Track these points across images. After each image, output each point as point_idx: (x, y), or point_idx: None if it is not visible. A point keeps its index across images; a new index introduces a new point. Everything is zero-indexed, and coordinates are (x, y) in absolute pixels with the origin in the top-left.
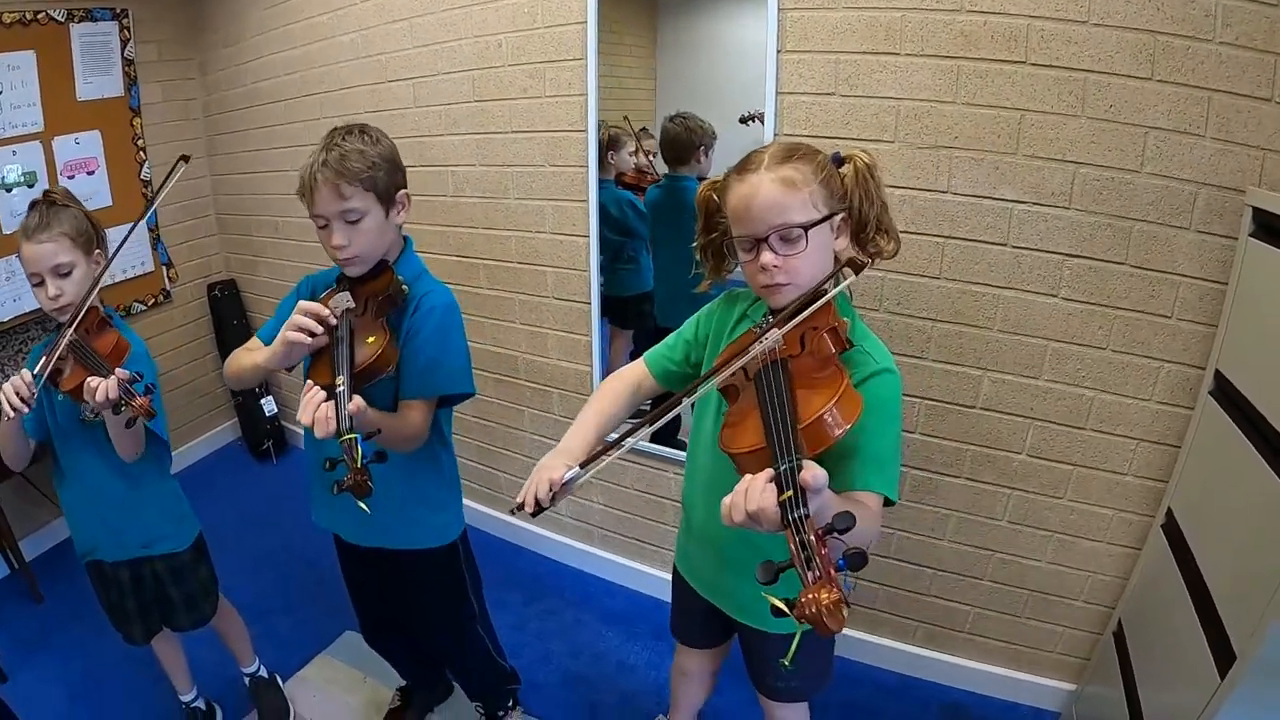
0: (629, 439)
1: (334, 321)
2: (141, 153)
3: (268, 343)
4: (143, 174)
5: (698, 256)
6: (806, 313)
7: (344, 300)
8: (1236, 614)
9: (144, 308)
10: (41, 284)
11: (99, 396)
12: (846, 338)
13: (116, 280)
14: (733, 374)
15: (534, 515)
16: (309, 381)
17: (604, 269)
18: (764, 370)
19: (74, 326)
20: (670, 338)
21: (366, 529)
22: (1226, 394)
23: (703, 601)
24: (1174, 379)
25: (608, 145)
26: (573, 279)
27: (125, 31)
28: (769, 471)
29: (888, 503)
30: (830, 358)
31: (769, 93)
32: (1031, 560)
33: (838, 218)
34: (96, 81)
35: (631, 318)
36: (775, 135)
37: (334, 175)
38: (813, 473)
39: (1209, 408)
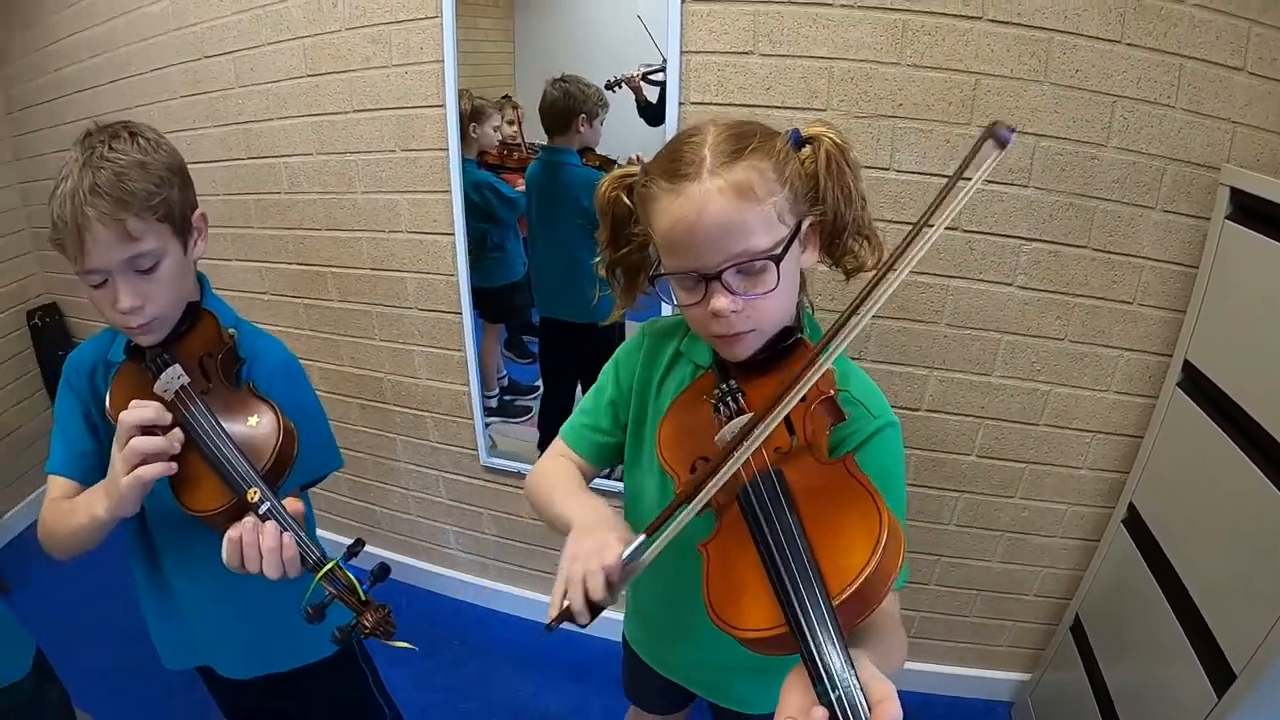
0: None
1: (167, 418)
2: None
3: (78, 477)
4: None
5: (601, 273)
6: (800, 390)
7: (175, 377)
8: (1230, 625)
9: None
10: None
11: None
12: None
13: None
14: (707, 502)
15: (585, 626)
16: (204, 514)
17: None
18: (751, 493)
19: None
20: (586, 400)
21: (248, 655)
22: (1197, 385)
23: (664, 679)
24: (1133, 368)
25: (470, 118)
26: (438, 286)
27: None
28: (821, 713)
29: None
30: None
31: (670, 51)
32: (980, 561)
33: (806, 223)
34: None
35: (501, 311)
36: (680, 104)
37: (113, 207)
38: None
39: (1176, 399)
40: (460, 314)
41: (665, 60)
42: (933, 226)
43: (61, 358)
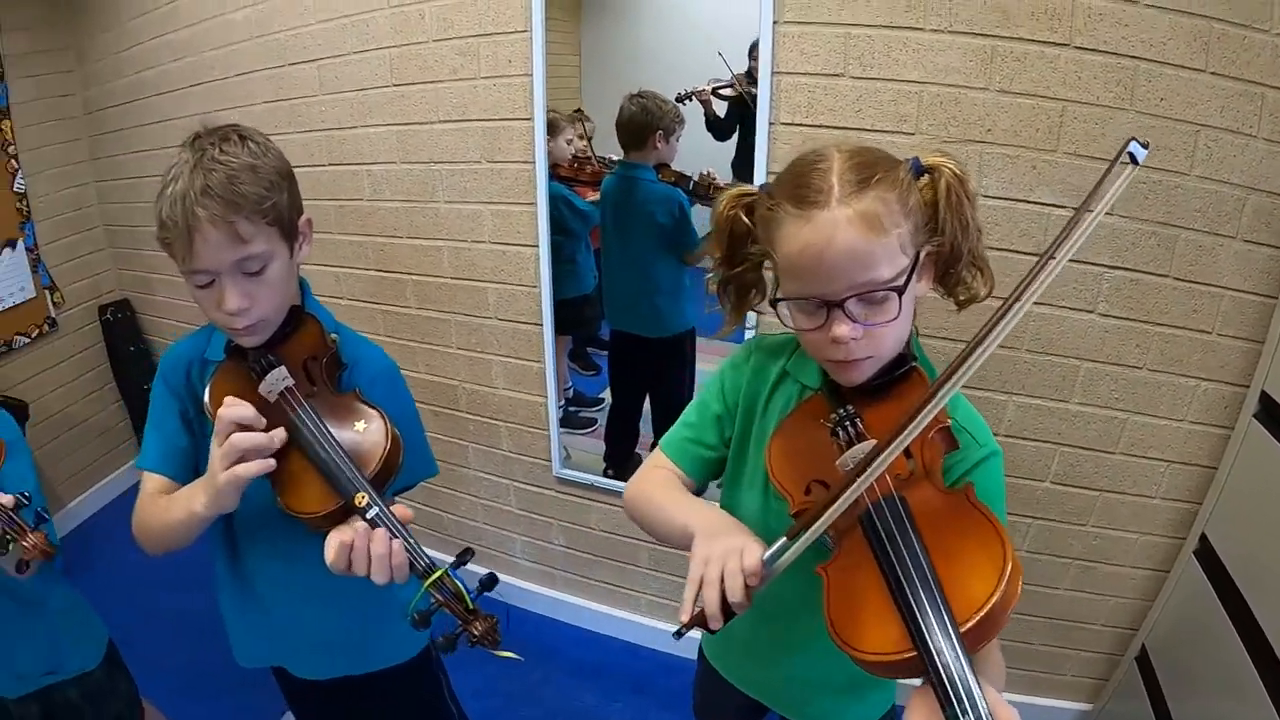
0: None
1: (263, 421)
2: (13, 161)
3: (172, 474)
4: (16, 185)
5: (712, 290)
6: (926, 417)
7: (280, 379)
8: None
9: (26, 340)
10: None
11: None
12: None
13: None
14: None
15: (714, 632)
16: (307, 515)
17: None
18: (875, 518)
19: None
20: (690, 414)
21: (324, 657)
22: (1274, 416)
23: (743, 696)
24: (1210, 398)
25: None
26: (519, 297)
27: None
28: None
29: None
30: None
31: (762, 71)
32: (1049, 589)
33: (923, 253)
34: None
35: (570, 323)
36: (770, 124)
37: (224, 209)
38: None
39: (1253, 430)
40: (541, 325)
41: (733, 75)
42: (1055, 259)
43: (133, 352)
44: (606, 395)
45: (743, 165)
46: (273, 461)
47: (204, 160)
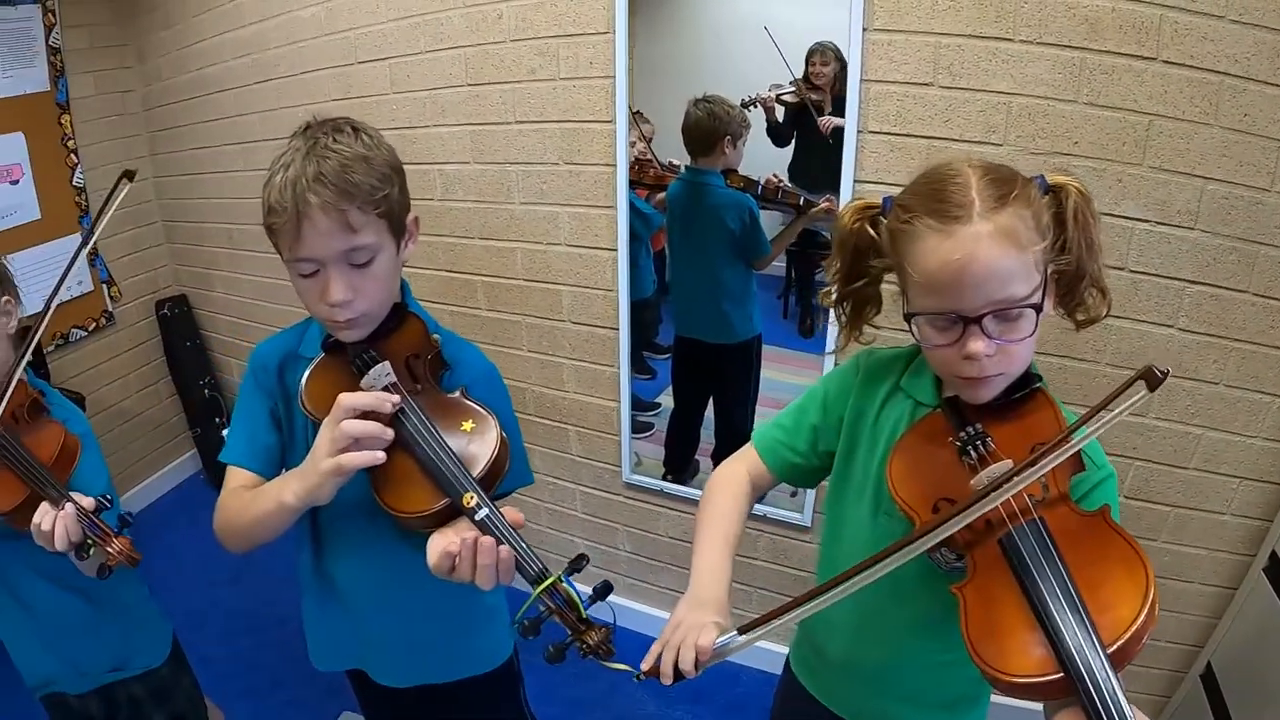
0: (800, 607)
1: (389, 405)
2: (73, 155)
3: (258, 469)
4: (75, 180)
5: (827, 304)
6: (1077, 444)
7: (383, 374)
8: None
9: (84, 334)
10: None
11: (57, 543)
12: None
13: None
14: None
15: (667, 686)
16: (410, 514)
17: None
18: (1018, 539)
19: None
20: (786, 416)
21: (408, 663)
22: None
23: (829, 714)
24: None
25: None
26: (595, 301)
27: (50, 16)
28: None
29: None
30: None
31: (851, 79)
32: None
33: (1050, 271)
34: (17, 75)
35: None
36: (859, 133)
37: (336, 197)
38: None
39: None
40: (617, 330)
41: (794, 80)
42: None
43: (189, 347)
44: (662, 400)
45: (799, 171)
46: (382, 454)
47: (316, 148)
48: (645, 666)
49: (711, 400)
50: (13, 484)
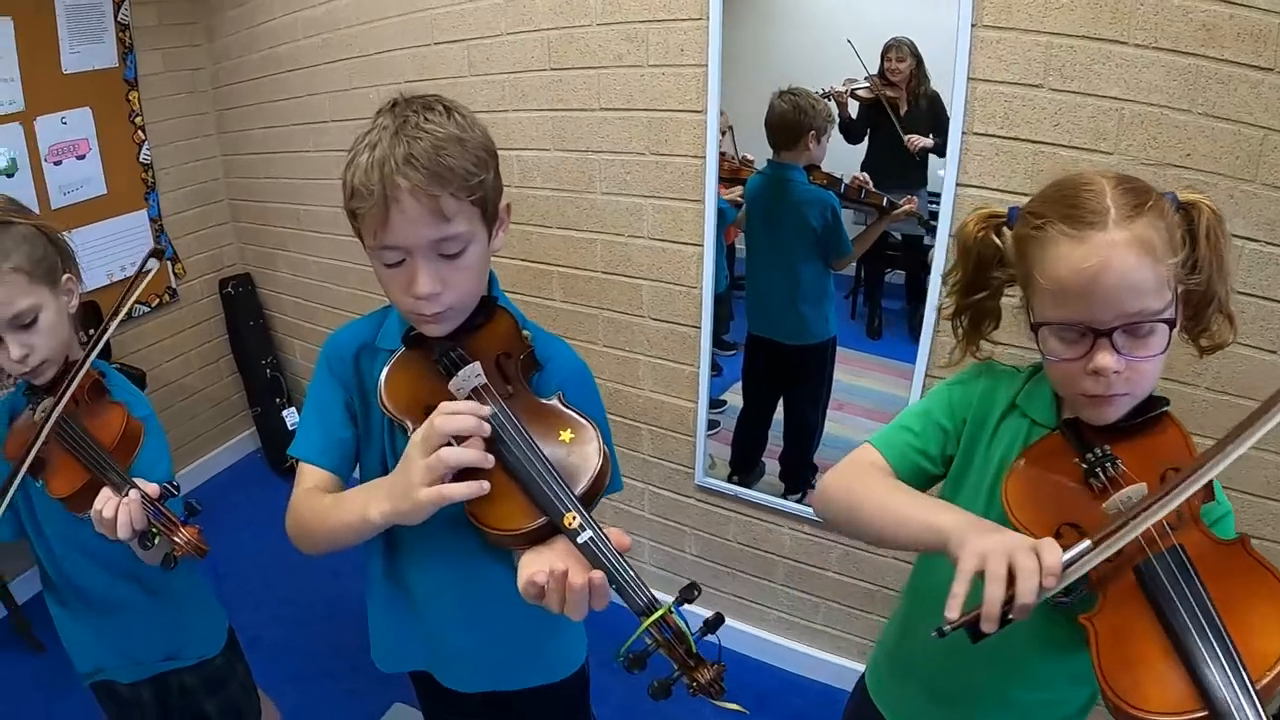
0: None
1: (487, 430)
2: (140, 132)
3: (333, 467)
4: (142, 156)
5: (945, 317)
6: (1217, 467)
7: (473, 375)
8: None
9: (147, 309)
10: None
11: (120, 531)
12: None
13: (114, 280)
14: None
15: (984, 636)
16: (504, 532)
17: None
18: (1158, 568)
19: (61, 402)
20: (911, 417)
21: (476, 669)
22: None
23: None
24: None
25: None
26: (677, 297)
27: None
28: None
29: None
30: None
31: (957, 79)
32: None
33: (1180, 291)
34: (85, 51)
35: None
36: (963, 134)
37: (428, 181)
38: None
39: None
40: (699, 328)
41: (869, 76)
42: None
43: (252, 327)
44: (727, 397)
45: (872, 169)
46: (487, 485)
47: (406, 127)
48: (952, 615)
49: (781, 401)
50: (73, 468)
